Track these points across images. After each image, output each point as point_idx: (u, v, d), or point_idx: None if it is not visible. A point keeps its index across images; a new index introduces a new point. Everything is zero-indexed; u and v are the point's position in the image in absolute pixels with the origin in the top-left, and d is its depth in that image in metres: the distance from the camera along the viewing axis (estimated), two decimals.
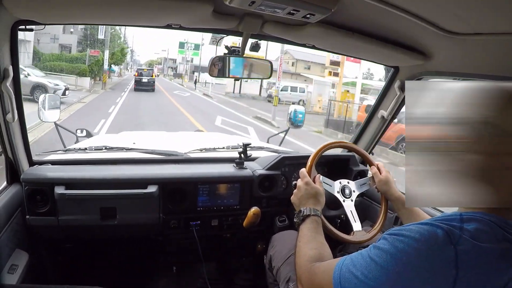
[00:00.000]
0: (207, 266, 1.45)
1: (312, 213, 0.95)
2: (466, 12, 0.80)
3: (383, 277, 0.59)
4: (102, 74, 20.00)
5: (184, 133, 2.82)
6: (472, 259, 0.56)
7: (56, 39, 21.37)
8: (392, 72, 1.47)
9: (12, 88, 1.08)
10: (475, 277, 0.56)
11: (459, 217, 0.60)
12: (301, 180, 1.05)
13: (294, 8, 0.86)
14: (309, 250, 0.85)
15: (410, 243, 0.58)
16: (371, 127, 1.67)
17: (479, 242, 0.56)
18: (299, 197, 1.02)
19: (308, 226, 0.93)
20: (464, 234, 0.57)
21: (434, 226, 0.59)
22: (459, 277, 0.55)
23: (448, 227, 0.58)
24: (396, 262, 0.58)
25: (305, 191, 1.01)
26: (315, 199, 1.01)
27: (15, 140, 1.19)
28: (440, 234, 0.57)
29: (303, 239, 0.90)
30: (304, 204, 0.99)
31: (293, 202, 1.04)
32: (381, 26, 1.04)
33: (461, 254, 0.55)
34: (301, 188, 1.03)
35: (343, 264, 0.69)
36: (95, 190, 1.29)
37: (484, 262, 0.56)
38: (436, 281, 0.56)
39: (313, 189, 1.02)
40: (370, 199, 1.67)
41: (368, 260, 0.63)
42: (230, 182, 1.48)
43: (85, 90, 16.13)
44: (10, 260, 1.16)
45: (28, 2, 0.87)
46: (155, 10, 0.97)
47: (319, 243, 0.88)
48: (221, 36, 1.30)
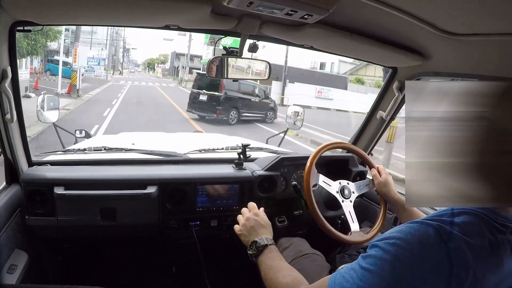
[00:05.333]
0: (206, 266, 1.45)
1: (269, 243, 0.92)
2: (463, 12, 0.80)
3: (381, 284, 0.58)
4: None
5: (183, 134, 2.82)
6: (464, 254, 0.56)
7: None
8: (390, 73, 1.48)
9: (11, 88, 1.09)
10: (469, 272, 0.56)
11: (450, 212, 0.61)
12: (249, 211, 1.02)
13: (292, 8, 0.87)
14: (283, 278, 0.82)
15: (403, 245, 0.58)
16: (369, 128, 1.67)
17: (469, 236, 0.57)
18: (249, 229, 0.98)
19: (269, 256, 0.90)
20: (454, 229, 0.58)
21: (424, 224, 0.59)
22: (453, 273, 0.55)
23: (438, 224, 0.59)
24: (391, 267, 0.58)
25: (255, 222, 0.98)
26: (266, 229, 0.98)
27: (14, 140, 1.19)
28: (431, 233, 0.58)
29: (271, 270, 0.86)
30: (257, 235, 0.95)
31: (240, 234, 1.00)
32: (379, 26, 1.05)
33: (453, 250, 0.56)
34: (250, 219, 0.99)
35: (334, 282, 0.65)
36: (95, 190, 1.29)
37: (476, 255, 0.57)
38: (433, 280, 0.56)
39: (263, 219, 1.00)
40: (369, 199, 1.67)
41: (362, 271, 0.61)
42: (229, 183, 1.48)
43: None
44: (10, 260, 1.17)
45: (27, 3, 0.87)
46: (153, 11, 0.97)
47: (288, 269, 0.85)
48: (219, 37, 1.30)
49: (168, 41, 37.21)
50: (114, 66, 42.76)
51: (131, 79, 34.87)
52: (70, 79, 13.27)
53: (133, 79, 34.34)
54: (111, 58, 40.09)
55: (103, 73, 27.74)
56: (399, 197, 1.19)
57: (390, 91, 1.49)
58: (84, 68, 27.23)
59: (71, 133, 1.98)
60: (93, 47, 33.13)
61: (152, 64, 65.18)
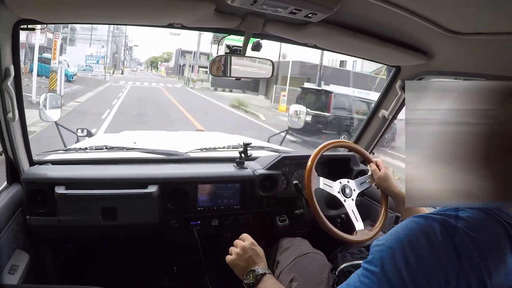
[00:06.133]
0: (207, 266, 1.45)
1: (266, 271, 0.92)
2: (468, 11, 0.80)
3: (390, 283, 0.56)
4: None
5: (185, 133, 2.81)
6: (469, 248, 0.56)
7: None
8: (393, 72, 1.47)
9: (13, 87, 1.08)
10: (476, 266, 0.56)
11: (454, 207, 0.61)
12: (244, 242, 1.01)
13: (296, 7, 0.86)
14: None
15: (409, 241, 0.57)
16: (372, 127, 1.67)
17: (473, 231, 0.57)
18: (247, 259, 0.97)
19: (268, 283, 0.90)
20: (459, 223, 0.58)
21: (429, 219, 0.59)
22: (462, 267, 0.55)
23: (443, 218, 0.58)
24: (392, 264, 0.56)
25: (252, 252, 0.98)
26: (262, 259, 0.98)
27: (15, 139, 1.19)
28: (437, 228, 0.57)
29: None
30: (254, 264, 0.95)
31: (235, 265, 1.00)
32: (383, 25, 1.04)
33: (459, 244, 0.56)
34: (247, 249, 0.98)
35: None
36: (96, 190, 1.29)
37: (481, 250, 0.57)
38: (443, 274, 0.55)
39: (257, 248, 0.99)
40: (371, 198, 1.67)
41: (367, 273, 0.59)
42: (230, 182, 1.48)
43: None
44: (11, 260, 1.16)
45: (30, 2, 0.87)
46: (157, 9, 0.96)
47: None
48: (222, 36, 1.30)
49: (175, 35, 35.52)
50: (116, 65, 41.10)
51: (133, 79, 32.76)
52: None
53: (135, 79, 32.10)
54: (112, 56, 38.40)
55: (101, 72, 25.54)
56: (400, 190, 1.19)
57: (393, 90, 1.49)
58: (81, 67, 24.73)
59: (73, 131, 1.98)
60: (93, 44, 31.40)
61: (155, 63, 62.58)
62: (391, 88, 1.51)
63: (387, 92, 1.54)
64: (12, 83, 1.07)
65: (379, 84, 15.48)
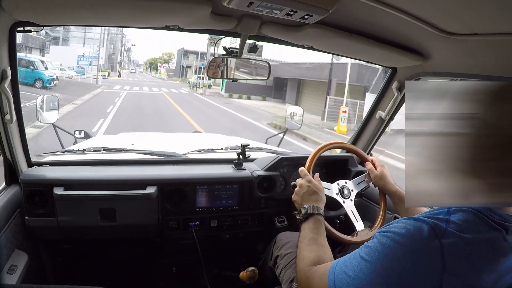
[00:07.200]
0: (206, 267, 1.45)
1: (315, 212, 0.95)
2: (463, 12, 0.81)
3: (372, 273, 0.62)
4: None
5: (183, 134, 2.82)
6: (459, 250, 0.58)
7: None
8: (389, 73, 1.48)
9: (10, 89, 1.09)
10: (463, 268, 0.57)
11: (447, 210, 0.63)
12: (302, 178, 1.05)
13: (292, 9, 0.87)
14: (309, 253, 0.86)
15: (396, 239, 0.61)
16: (369, 128, 1.67)
17: (465, 233, 0.59)
18: (301, 195, 1.01)
19: (310, 226, 0.93)
20: (450, 227, 0.59)
21: (420, 221, 0.62)
22: (446, 269, 0.57)
23: (433, 221, 0.60)
24: (383, 258, 0.61)
25: (307, 189, 1.01)
26: (317, 196, 1.01)
27: (13, 141, 1.19)
28: (425, 229, 0.60)
29: (305, 240, 0.90)
30: (307, 202, 0.99)
31: (294, 200, 1.04)
32: (379, 27, 1.05)
33: (447, 246, 0.58)
34: (303, 185, 1.03)
35: (336, 265, 0.71)
36: (94, 191, 1.29)
37: (471, 252, 0.58)
38: (423, 274, 0.58)
39: (315, 186, 1.03)
40: (369, 199, 1.67)
41: (359, 259, 0.66)
42: (228, 183, 1.48)
43: None
44: (10, 260, 1.17)
45: (27, 4, 0.87)
46: (153, 11, 0.97)
47: (320, 246, 0.89)
48: (219, 37, 1.30)
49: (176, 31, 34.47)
50: (112, 66, 39.20)
51: (130, 82, 28.77)
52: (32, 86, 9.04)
53: (132, 83, 27.87)
54: (109, 57, 36.55)
55: (93, 75, 21.78)
56: (397, 188, 1.19)
57: (390, 91, 1.49)
58: (73, 69, 21.37)
59: (71, 133, 1.98)
60: (88, 44, 28.55)
61: (155, 64, 59.75)
62: (388, 89, 1.51)
63: (383, 93, 1.54)
64: (9, 85, 1.07)
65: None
